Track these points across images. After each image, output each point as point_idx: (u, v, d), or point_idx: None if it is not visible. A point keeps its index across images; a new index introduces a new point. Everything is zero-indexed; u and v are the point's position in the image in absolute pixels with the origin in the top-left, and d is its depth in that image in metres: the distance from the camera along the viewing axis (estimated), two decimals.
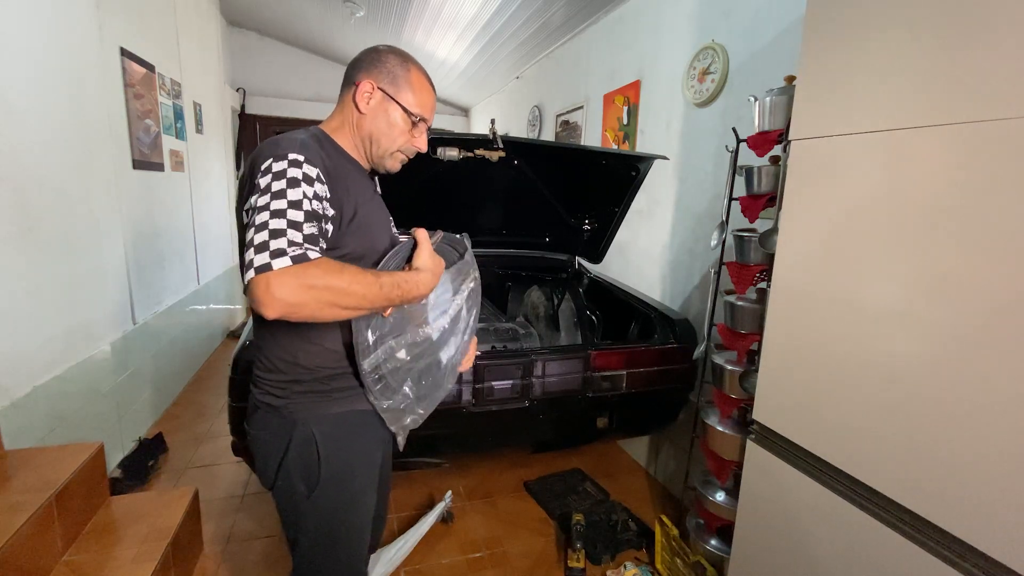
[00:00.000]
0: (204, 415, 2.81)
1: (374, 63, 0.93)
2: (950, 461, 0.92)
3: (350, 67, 0.96)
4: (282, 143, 0.82)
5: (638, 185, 2.13)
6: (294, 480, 0.94)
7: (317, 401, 0.93)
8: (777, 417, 1.28)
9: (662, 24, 2.48)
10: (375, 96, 0.93)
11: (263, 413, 0.95)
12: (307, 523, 0.97)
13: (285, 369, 0.92)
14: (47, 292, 1.75)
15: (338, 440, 0.95)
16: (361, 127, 0.94)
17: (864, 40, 1.04)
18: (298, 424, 0.92)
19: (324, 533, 0.98)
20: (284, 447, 0.92)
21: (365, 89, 0.92)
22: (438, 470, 2.34)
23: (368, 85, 0.92)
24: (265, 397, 0.94)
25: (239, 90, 5.05)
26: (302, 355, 0.91)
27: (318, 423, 0.93)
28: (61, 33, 1.88)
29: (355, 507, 1.01)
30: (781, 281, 1.25)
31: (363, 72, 0.93)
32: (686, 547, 1.72)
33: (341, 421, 0.95)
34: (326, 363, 0.93)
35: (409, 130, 0.97)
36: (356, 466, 0.99)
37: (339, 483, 0.96)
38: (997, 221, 0.84)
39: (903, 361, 0.99)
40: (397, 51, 0.95)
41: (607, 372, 1.85)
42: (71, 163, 1.91)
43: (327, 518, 0.98)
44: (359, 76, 0.93)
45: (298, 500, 0.95)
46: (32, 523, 1.21)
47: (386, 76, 0.93)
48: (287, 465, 0.93)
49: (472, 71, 4.61)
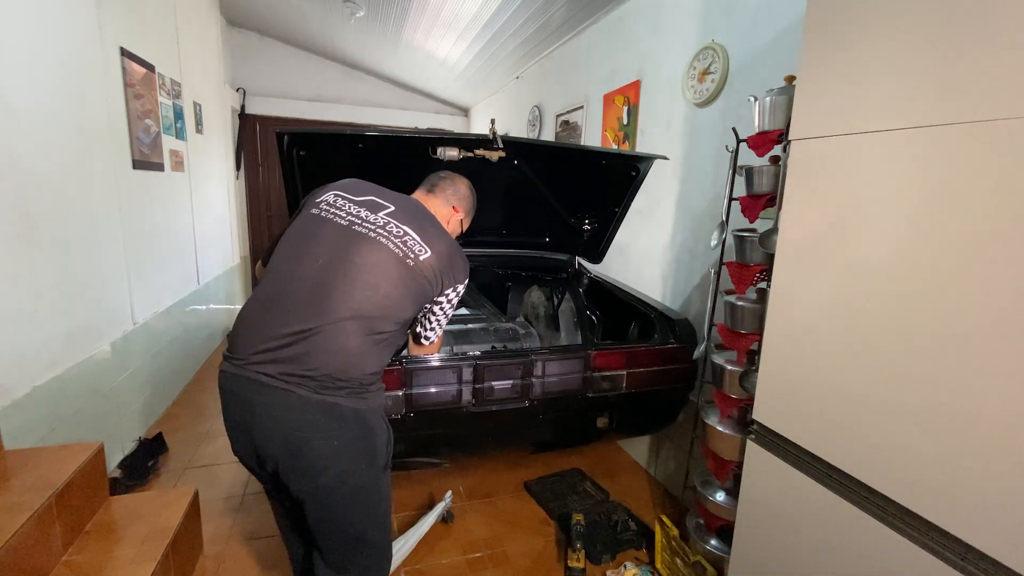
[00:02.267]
0: (204, 415, 2.81)
1: (465, 198, 1.38)
2: (950, 461, 0.92)
3: (450, 190, 1.36)
4: (467, 264, 1.26)
5: (638, 185, 2.12)
6: (379, 458, 1.14)
7: (380, 393, 1.18)
8: (777, 417, 1.28)
9: (662, 24, 2.48)
10: (458, 219, 1.38)
11: (340, 411, 1.06)
12: (381, 496, 1.18)
13: (374, 370, 1.13)
14: (47, 292, 1.75)
15: (386, 417, 1.22)
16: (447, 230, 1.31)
17: (864, 40, 1.04)
18: (376, 411, 1.15)
19: (388, 505, 1.23)
20: (369, 434, 1.11)
21: (460, 215, 1.37)
22: (438, 470, 2.34)
23: (461, 214, 1.38)
24: (345, 396, 1.07)
25: (239, 90, 5.04)
26: (386, 360, 1.17)
27: (382, 405, 1.19)
28: (61, 33, 1.87)
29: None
30: (781, 281, 1.25)
31: (459, 202, 1.36)
32: (686, 547, 1.72)
33: (384, 402, 1.24)
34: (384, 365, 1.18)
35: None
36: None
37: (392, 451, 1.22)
38: (997, 221, 0.84)
39: (903, 361, 0.99)
40: (473, 190, 1.42)
41: (607, 372, 1.85)
42: (71, 163, 1.90)
43: (388, 487, 1.22)
44: (456, 203, 1.36)
45: (379, 477, 1.15)
46: (32, 523, 1.21)
47: (468, 208, 1.40)
48: (374, 446, 1.13)
49: (472, 71, 4.61)
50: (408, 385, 1.63)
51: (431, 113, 6.07)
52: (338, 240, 1.10)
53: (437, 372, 1.66)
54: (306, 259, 1.09)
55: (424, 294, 1.16)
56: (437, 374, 1.66)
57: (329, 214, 1.15)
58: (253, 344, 1.05)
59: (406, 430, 1.67)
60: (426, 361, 1.65)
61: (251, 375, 1.04)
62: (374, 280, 1.08)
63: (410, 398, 1.64)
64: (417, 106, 5.97)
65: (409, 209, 1.20)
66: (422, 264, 1.13)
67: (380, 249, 1.10)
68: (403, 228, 1.14)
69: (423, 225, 1.18)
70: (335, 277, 1.06)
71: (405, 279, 1.11)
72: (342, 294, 1.05)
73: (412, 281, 1.12)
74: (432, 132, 1.84)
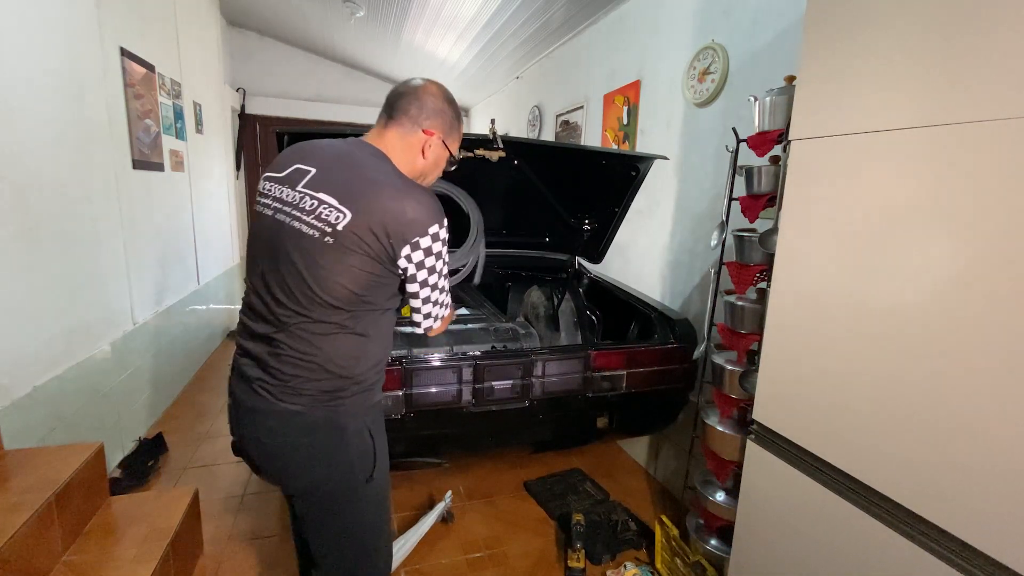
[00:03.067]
0: (204, 415, 2.81)
1: (438, 114, 1.04)
2: (950, 461, 0.92)
3: (413, 106, 1.03)
4: (431, 207, 0.96)
5: (638, 185, 2.12)
6: (356, 471, 1.03)
7: (365, 398, 1.05)
8: (777, 417, 1.28)
9: (662, 24, 2.48)
10: (437, 146, 1.06)
11: (309, 418, 0.98)
12: (365, 507, 1.07)
13: (345, 374, 0.99)
14: (47, 292, 1.75)
15: (377, 426, 1.09)
16: (415, 166, 1.06)
17: (864, 40, 1.04)
18: (353, 419, 1.02)
19: (377, 513, 1.11)
20: (344, 444, 1.01)
21: (433, 141, 1.05)
22: (438, 470, 2.34)
23: (437, 139, 1.05)
24: (309, 403, 0.98)
25: (239, 90, 5.04)
26: (363, 359, 1.01)
27: (366, 414, 1.05)
28: (61, 33, 1.87)
29: (389, 486, 1.16)
30: (781, 281, 1.25)
31: (430, 121, 1.03)
32: (686, 547, 1.72)
33: (376, 408, 1.10)
34: (382, 362, 1.07)
35: (444, 166, 1.13)
36: (387, 449, 1.12)
37: (383, 463, 1.08)
38: (998, 221, 0.84)
39: (903, 361, 0.99)
40: (451, 99, 1.08)
41: (607, 372, 1.85)
42: (71, 163, 1.90)
43: (380, 497, 1.10)
44: (427, 125, 1.03)
45: (357, 487, 1.04)
46: (32, 523, 1.21)
47: (447, 128, 1.06)
48: (350, 459, 1.02)
49: (472, 71, 4.61)
50: (408, 385, 1.63)
51: None
52: (268, 239, 0.97)
53: (437, 372, 1.66)
54: (253, 269, 1.01)
55: (372, 267, 0.93)
56: (437, 374, 1.66)
57: (260, 206, 1.01)
58: (241, 344, 1.05)
59: (406, 430, 1.67)
60: (426, 361, 1.65)
61: (238, 374, 1.05)
62: (305, 275, 0.92)
63: (410, 398, 1.64)
64: None
65: (334, 166, 0.97)
66: (343, 235, 0.90)
67: (298, 237, 0.93)
68: (317, 198, 0.93)
69: (347, 180, 0.94)
70: (273, 283, 0.96)
71: (331, 262, 0.91)
72: (284, 299, 0.95)
73: (339, 262, 0.91)
74: None
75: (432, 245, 0.95)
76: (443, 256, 1.00)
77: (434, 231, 0.95)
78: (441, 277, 1.02)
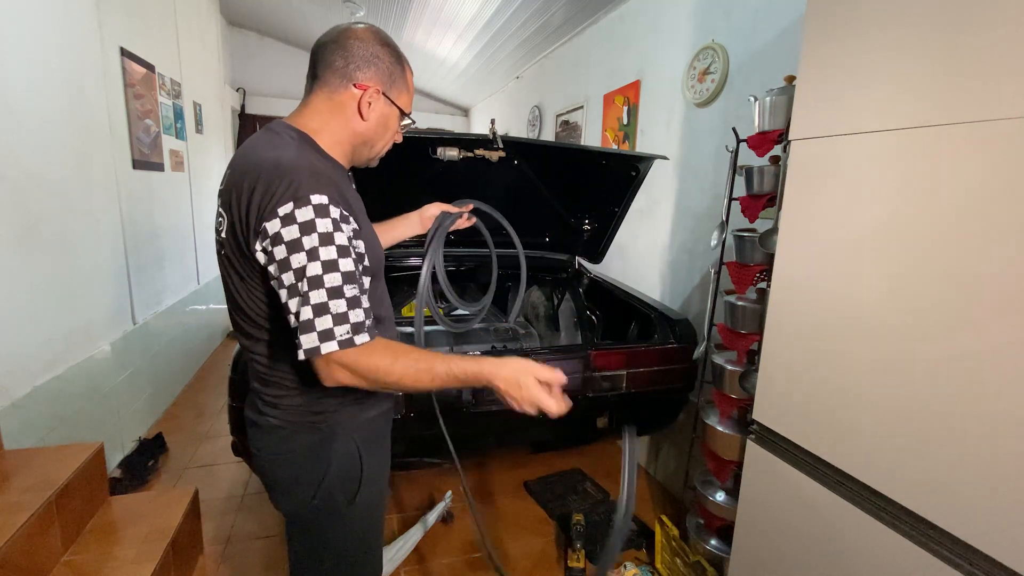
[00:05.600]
0: (204, 415, 2.81)
1: (371, 61, 0.84)
2: (950, 461, 0.92)
3: (339, 56, 0.83)
4: (294, 179, 0.72)
5: (638, 185, 2.12)
6: (335, 494, 0.91)
7: (355, 411, 0.92)
8: (777, 417, 1.28)
9: (662, 24, 2.48)
10: (378, 102, 0.86)
11: (288, 432, 0.89)
12: (344, 530, 0.95)
13: (308, 399, 0.88)
14: (47, 292, 1.75)
15: (371, 443, 0.96)
16: (356, 131, 0.87)
17: (864, 40, 1.04)
18: (338, 437, 0.90)
19: (359, 537, 0.99)
20: (324, 464, 0.89)
21: (371, 96, 0.85)
22: (438, 470, 2.34)
23: (374, 92, 0.85)
24: (290, 417, 0.88)
25: (239, 90, 5.05)
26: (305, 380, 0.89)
27: (356, 430, 0.92)
28: (61, 33, 1.87)
29: (382, 503, 1.04)
30: (781, 281, 1.25)
31: (362, 72, 0.84)
32: (686, 547, 1.72)
33: (374, 424, 0.97)
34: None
35: (397, 129, 0.94)
36: (384, 465, 1.02)
37: (372, 484, 0.95)
38: (998, 220, 0.84)
39: (903, 361, 0.99)
40: (387, 41, 0.87)
41: (607, 372, 1.85)
42: (71, 163, 1.91)
43: (364, 521, 0.98)
44: (359, 77, 0.84)
45: (338, 509, 0.92)
46: (32, 523, 1.21)
47: (386, 78, 0.86)
48: (329, 481, 0.90)
49: (472, 71, 4.61)
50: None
51: (431, 113, 6.08)
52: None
53: None
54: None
55: (255, 267, 0.79)
56: None
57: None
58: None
59: (406, 430, 1.67)
60: None
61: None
62: (233, 295, 0.85)
63: (410, 398, 1.64)
64: (417, 106, 5.97)
65: (235, 164, 0.81)
66: (226, 240, 0.80)
67: (218, 254, 0.85)
68: (218, 209, 0.83)
69: (233, 178, 0.78)
70: (229, 308, 0.89)
71: (237, 278, 0.82)
72: (235, 316, 0.88)
73: (241, 268, 0.80)
74: (432, 132, 1.84)
75: (278, 228, 0.71)
76: (317, 240, 0.71)
77: (290, 209, 0.70)
78: (324, 268, 0.71)
